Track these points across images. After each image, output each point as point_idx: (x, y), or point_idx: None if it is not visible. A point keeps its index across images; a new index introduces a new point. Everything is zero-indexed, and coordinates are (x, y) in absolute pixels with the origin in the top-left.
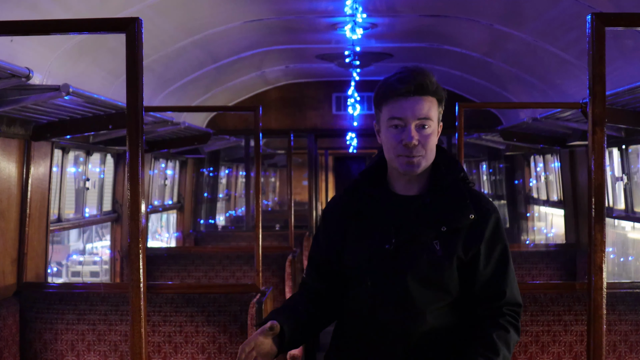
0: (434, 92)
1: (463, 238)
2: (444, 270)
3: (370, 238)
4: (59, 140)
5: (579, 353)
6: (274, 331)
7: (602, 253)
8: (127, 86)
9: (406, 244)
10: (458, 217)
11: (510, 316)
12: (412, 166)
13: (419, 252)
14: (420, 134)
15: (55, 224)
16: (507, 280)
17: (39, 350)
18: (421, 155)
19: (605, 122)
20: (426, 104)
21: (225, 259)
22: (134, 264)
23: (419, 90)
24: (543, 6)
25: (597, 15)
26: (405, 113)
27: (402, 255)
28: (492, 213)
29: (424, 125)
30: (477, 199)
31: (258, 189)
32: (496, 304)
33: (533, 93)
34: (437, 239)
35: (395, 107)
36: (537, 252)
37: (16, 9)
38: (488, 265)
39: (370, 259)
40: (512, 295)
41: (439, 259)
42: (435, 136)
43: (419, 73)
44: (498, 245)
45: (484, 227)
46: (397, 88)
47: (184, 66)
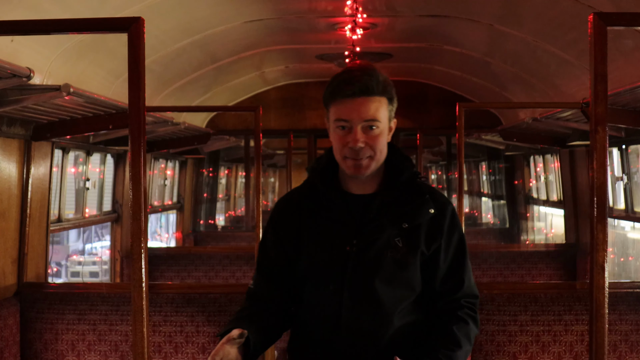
0: (382, 91)
1: (424, 233)
2: (409, 267)
3: (328, 240)
4: (59, 140)
5: (579, 353)
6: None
7: (604, 252)
8: (129, 86)
9: (369, 245)
10: (419, 213)
11: (468, 308)
12: (359, 169)
13: (383, 251)
14: (367, 135)
15: (55, 224)
16: (465, 272)
17: (39, 350)
18: (369, 157)
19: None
20: (373, 104)
21: (225, 259)
22: (136, 263)
23: (365, 91)
24: (543, 6)
25: (598, 15)
26: (351, 115)
27: (366, 256)
28: (448, 206)
29: (371, 127)
30: (433, 194)
31: (258, 189)
32: (455, 296)
33: (533, 93)
34: (399, 236)
35: (341, 108)
36: (537, 252)
37: (17, 9)
38: (447, 258)
39: (331, 262)
40: (470, 287)
41: (403, 256)
42: (384, 136)
43: (365, 73)
44: (455, 237)
45: (442, 221)
46: (342, 89)
47: (183, 66)
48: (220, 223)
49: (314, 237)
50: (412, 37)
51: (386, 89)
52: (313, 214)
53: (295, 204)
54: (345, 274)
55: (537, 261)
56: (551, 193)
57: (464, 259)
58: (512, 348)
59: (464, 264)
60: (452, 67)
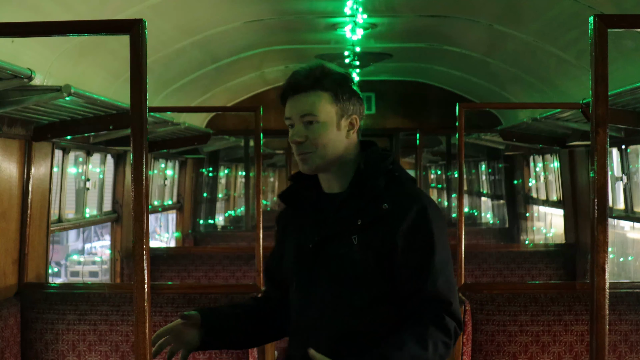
0: (316, 86)
1: (379, 230)
2: (362, 265)
3: (298, 238)
4: (60, 140)
5: (579, 353)
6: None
7: (605, 253)
8: (131, 87)
9: (327, 241)
10: (370, 209)
11: (432, 313)
12: (304, 163)
13: (338, 247)
14: (308, 130)
15: (55, 224)
16: (429, 276)
17: (40, 350)
18: (311, 152)
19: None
20: (308, 99)
21: (225, 259)
22: (138, 264)
23: (296, 88)
24: (543, 6)
25: (599, 17)
26: (290, 112)
27: (323, 253)
28: (413, 203)
29: (310, 122)
30: (399, 190)
31: (258, 189)
32: (416, 300)
33: (532, 93)
34: (355, 234)
35: (286, 107)
36: (537, 252)
37: (18, 10)
38: (406, 259)
39: (296, 259)
40: (436, 292)
41: (356, 253)
42: (328, 131)
43: (300, 71)
44: (418, 237)
45: (401, 217)
46: (281, 91)
47: (183, 67)
48: (220, 223)
49: (291, 236)
50: (412, 37)
51: (322, 83)
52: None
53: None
54: (305, 271)
55: (537, 261)
56: (551, 193)
57: (428, 260)
58: (512, 348)
59: (427, 266)
60: (452, 67)
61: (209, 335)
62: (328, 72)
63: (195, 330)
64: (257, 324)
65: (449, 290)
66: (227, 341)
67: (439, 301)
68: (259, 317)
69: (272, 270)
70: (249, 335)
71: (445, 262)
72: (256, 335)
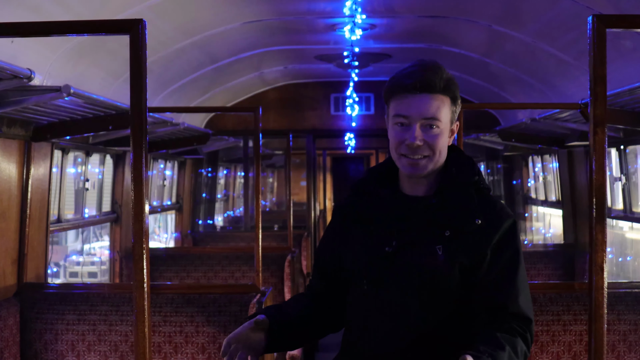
0: (444, 89)
1: (468, 244)
2: (445, 277)
3: (371, 239)
4: (59, 141)
5: (578, 352)
6: (260, 326)
7: (603, 253)
8: (131, 87)
9: (407, 247)
10: (463, 222)
11: (516, 325)
12: (415, 168)
13: (420, 256)
14: (426, 134)
15: (55, 224)
16: (512, 291)
17: (39, 350)
18: (427, 156)
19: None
20: (434, 102)
21: (224, 260)
22: (137, 264)
23: (426, 88)
24: (542, 7)
25: (598, 17)
26: (410, 111)
27: (402, 259)
28: (504, 220)
29: (431, 125)
30: (489, 205)
31: (258, 190)
32: (499, 315)
33: (531, 94)
34: (440, 244)
35: (400, 104)
36: (536, 252)
37: (18, 10)
38: (491, 273)
39: (369, 262)
40: (518, 308)
41: (440, 264)
42: (444, 137)
43: (429, 69)
44: (506, 253)
45: (492, 233)
46: (403, 84)
47: (183, 67)
48: (219, 223)
49: (360, 235)
50: (411, 38)
51: (450, 87)
52: (363, 211)
53: (349, 201)
54: (379, 275)
55: (536, 261)
56: (549, 193)
57: (513, 277)
58: None
59: (511, 282)
60: (451, 67)
61: (274, 340)
62: (450, 76)
63: (262, 334)
64: (313, 324)
65: (529, 309)
66: (290, 342)
67: (522, 318)
68: (314, 316)
69: (323, 264)
70: (306, 336)
71: (526, 279)
72: (312, 335)
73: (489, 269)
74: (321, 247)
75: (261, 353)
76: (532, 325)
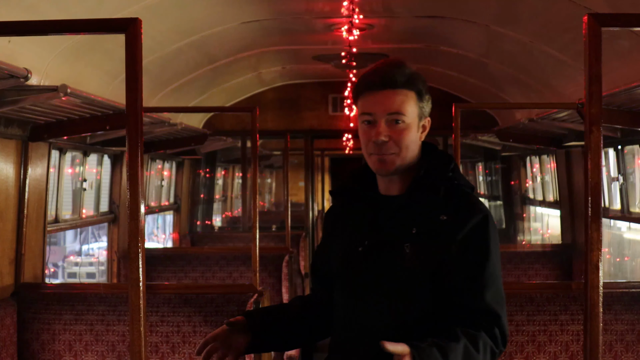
0: (407, 84)
1: (434, 241)
2: (412, 275)
3: (348, 240)
4: (56, 141)
5: (575, 352)
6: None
7: (598, 252)
8: (127, 87)
9: (378, 247)
10: (428, 219)
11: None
12: (383, 164)
13: (389, 255)
14: (392, 129)
15: (52, 224)
16: (478, 287)
17: (36, 350)
18: (394, 153)
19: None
20: (398, 97)
21: (222, 260)
22: (133, 263)
23: (389, 83)
24: (539, 7)
25: (593, 16)
26: (375, 108)
27: (372, 259)
28: (473, 216)
29: (397, 120)
30: (460, 201)
31: (255, 190)
32: (465, 311)
33: (529, 94)
34: (408, 242)
35: (366, 102)
36: (534, 252)
37: (14, 10)
38: (458, 268)
39: (344, 262)
40: (484, 303)
41: (407, 262)
42: (411, 132)
43: (390, 65)
44: (472, 248)
45: (457, 229)
46: (366, 82)
47: (180, 67)
48: (217, 224)
49: (340, 237)
50: (408, 38)
51: (413, 82)
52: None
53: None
54: (353, 275)
55: (534, 261)
56: (547, 193)
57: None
58: (508, 348)
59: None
60: (449, 67)
61: (255, 339)
62: (414, 71)
63: (242, 335)
64: (303, 325)
65: (498, 304)
66: (274, 343)
67: (488, 313)
68: (305, 318)
69: (318, 267)
70: (294, 337)
71: (497, 275)
72: (303, 336)
73: (455, 265)
74: (316, 252)
75: (242, 353)
76: (502, 321)
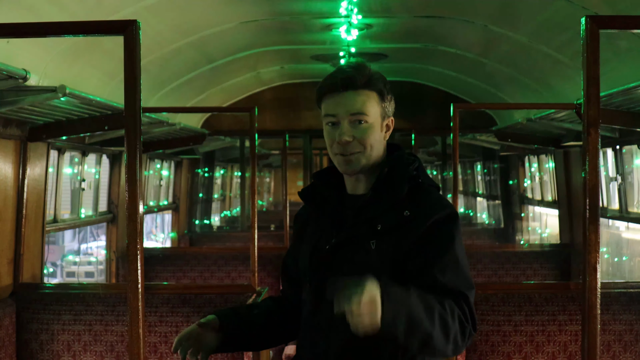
0: (367, 85)
1: (397, 237)
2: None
3: (316, 240)
4: (55, 141)
5: (573, 352)
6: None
7: (597, 253)
8: (125, 88)
9: (344, 245)
10: (391, 215)
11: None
12: (348, 164)
13: (354, 252)
14: (355, 129)
15: (51, 224)
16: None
17: (35, 350)
18: (359, 152)
19: (600, 123)
20: (359, 97)
21: (221, 260)
22: (132, 264)
23: (349, 85)
24: (537, 7)
25: (591, 18)
26: (337, 109)
27: (339, 257)
28: (436, 211)
29: (360, 121)
30: (424, 198)
31: (254, 190)
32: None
33: (527, 94)
34: (373, 239)
35: (328, 104)
36: (532, 252)
37: (13, 11)
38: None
39: (311, 261)
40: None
41: (373, 259)
42: (374, 131)
43: (350, 67)
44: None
45: (420, 224)
46: (328, 84)
47: (179, 67)
48: (215, 223)
49: (308, 237)
50: (407, 38)
51: (373, 82)
52: (312, 214)
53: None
54: (321, 273)
55: (532, 261)
56: (546, 193)
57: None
58: (507, 348)
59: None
60: (447, 67)
61: (226, 338)
62: (374, 72)
63: (214, 333)
64: (274, 325)
65: (463, 286)
66: (244, 343)
67: (455, 291)
68: (275, 318)
69: (288, 269)
70: (266, 337)
71: (462, 264)
72: (273, 337)
73: (418, 257)
74: (286, 254)
75: (213, 352)
76: (469, 300)
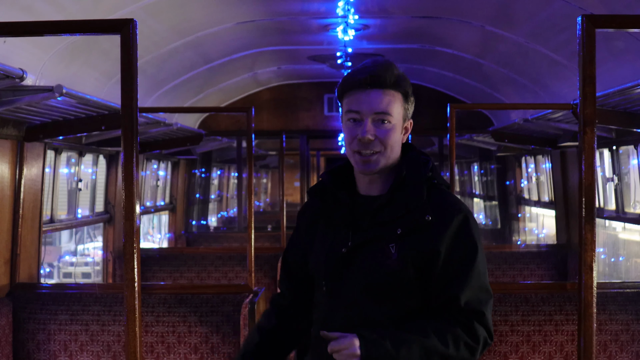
0: (394, 85)
1: (420, 241)
2: (398, 275)
3: (329, 241)
4: (52, 141)
5: (569, 352)
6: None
7: (592, 252)
8: (122, 87)
9: (362, 247)
10: (413, 219)
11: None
12: (367, 165)
13: (374, 255)
14: (377, 129)
15: (47, 224)
16: (464, 285)
17: (32, 350)
18: (379, 152)
19: (596, 123)
20: (385, 97)
21: (218, 260)
22: (128, 263)
23: (377, 83)
24: (534, 8)
25: (587, 17)
26: (361, 106)
27: (357, 260)
28: (455, 214)
29: (383, 120)
30: (440, 200)
31: (250, 190)
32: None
33: (524, 94)
34: (393, 242)
35: (352, 100)
36: (529, 252)
37: (10, 10)
38: (445, 268)
39: (327, 263)
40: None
41: (394, 263)
42: (396, 133)
43: (379, 65)
44: (460, 248)
45: (443, 229)
46: (354, 80)
47: (176, 67)
48: (212, 224)
49: (320, 237)
50: (404, 38)
51: (400, 83)
52: (323, 214)
53: (311, 206)
54: (336, 276)
55: (529, 261)
56: (542, 194)
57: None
58: (503, 348)
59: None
60: (444, 68)
61: None
62: (401, 73)
63: None
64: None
65: (480, 302)
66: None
67: (470, 310)
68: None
69: (291, 266)
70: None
71: (482, 273)
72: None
73: (442, 265)
74: (288, 253)
75: None
76: (485, 319)
